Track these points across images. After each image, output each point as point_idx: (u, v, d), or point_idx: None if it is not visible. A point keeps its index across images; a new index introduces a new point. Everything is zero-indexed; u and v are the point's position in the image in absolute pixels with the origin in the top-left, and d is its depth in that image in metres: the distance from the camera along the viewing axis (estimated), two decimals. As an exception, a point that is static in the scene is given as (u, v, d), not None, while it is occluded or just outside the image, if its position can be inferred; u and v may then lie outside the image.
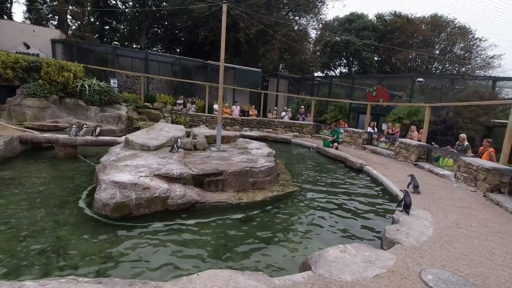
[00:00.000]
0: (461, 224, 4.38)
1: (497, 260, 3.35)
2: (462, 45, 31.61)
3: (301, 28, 27.18)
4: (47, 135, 8.35)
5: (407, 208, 4.65)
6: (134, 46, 29.44)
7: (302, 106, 17.95)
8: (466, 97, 13.23)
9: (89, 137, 8.69)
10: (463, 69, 31.71)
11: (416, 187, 6.04)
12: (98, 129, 8.93)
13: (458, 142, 9.36)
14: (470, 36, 30.68)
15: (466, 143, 9.07)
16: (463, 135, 9.31)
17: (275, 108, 19.51)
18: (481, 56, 31.06)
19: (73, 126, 8.64)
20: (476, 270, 3.09)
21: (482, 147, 8.15)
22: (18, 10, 45.86)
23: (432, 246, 3.57)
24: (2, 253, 3.36)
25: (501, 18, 44.97)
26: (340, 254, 3.17)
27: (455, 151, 8.92)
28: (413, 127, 11.63)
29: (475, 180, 6.40)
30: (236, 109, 16.81)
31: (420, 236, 3.79)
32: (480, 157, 7.61)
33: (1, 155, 6.87)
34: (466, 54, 31.55)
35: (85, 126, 8.90)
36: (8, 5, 23.11)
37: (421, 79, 17.14)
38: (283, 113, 17.61)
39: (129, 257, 3.48)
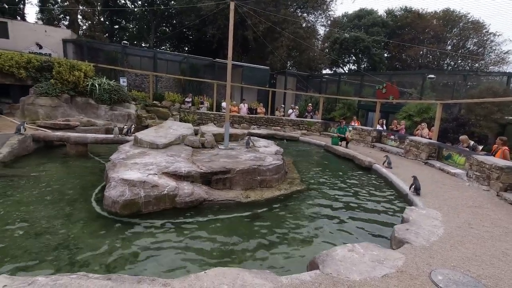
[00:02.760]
0: (473, 224, 4.28)
1: (510, 261, 3.26)
2: (475, 40, 30.79)
3: (309, 25, 26.90)
4: (59, 133, 8.53)
5: (417, 190, 5.59)
6: (143, 45, 29.71)
7: (310, 104, 17.81)
8: (479, 94, 12.88)
9: (100, 135, 8.85)
10: (476, 65, 30.93)
11: (389, 163, 7.92)
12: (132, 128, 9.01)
13: (459, 144, 9.08)
14: (484, 31, 29.86)
15: (471, 142, 8.81)
16: (463, 137, 9.01)
17: (283, 106, 19.43)
18: (495, 52, 30.24)
19: (124, 126, 9.04)
20: (489, 271, 3.02)
21: (495, 145, 7.93)
22: (31, 11, 46.90)
23: (443, 246, 3.50)
24: (16, 248, 3.46)
25: (517, 12, 43.59)
26: (348, 254, 3.14)
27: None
28: (423, 124, 11.40)
29: (488, 179, 6.24)
30: (244, 107, 16.81)
31: (430, 236, 3.73)
32: (494, 156, 7.42)
33: (15, 153, 7.05)
34: (480, 50, 30.73)
35: (125, 126, 9.23)
36: (21, 6, 23.62)
37: (432, 76, 16.77)
38: (290, 111, 17.52)
39: (137, 254, 3.53)
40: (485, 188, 6.22)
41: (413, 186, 5.73)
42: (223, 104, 16.06)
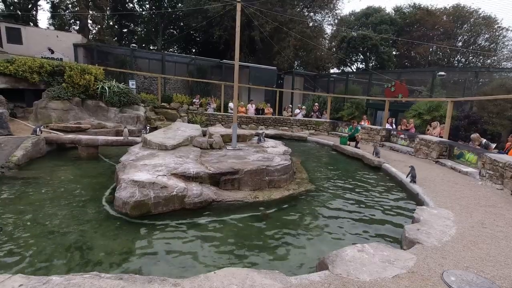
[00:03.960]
0: (486, 224, 4.19)
1: (526, 262, 3.18)
2: (486, 36, 30.13)
3: (316, 24, 26.78)
4: (71, 136, 8.70)
5: (413, 178, 6.24)
6: (151, 47, 30.07)
7: (316, 104, 17.70)
8: (492, 91, 12.59)
9: (110, 137, 9.00)
10: (488, 61, 30.25)
11: (377, 153, 8.42)
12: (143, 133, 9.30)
13: (470, 143, 8.90)
14: (496, 26, 29.21)
15: (483, 140, 8.62)
16: (474, 135, 8.85)
17: (290, 106, 19.36)
18: (508, 47, 29.56)
19: (143, 131, 9.44)
20: (503, 272, 2.95)
21: (508, 143, 7.76)
22: (43, 17, 48.22)
23: (455, 246, 3.44)
24: (31, 249, 3.55)
25: (530, 6, 42.38)
26: (357, 254, 3.11)
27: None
28: (435, 123, 11.19)
29: (501, 178, 6.10)
30: (251, 108, 16.83)
31: (442, 236, 3.67)
32: (507, 153, 7.25)
33: (29, 156, 7.24)
34: (492, 45, 30.05)
35: (143, 131, 9.69)
36: (34, 12, 24.22)
37: (443, 73, 16.48)
38: (297, 111, 17.45)
39: (148, 254, 3.58)
40: (499, 187, 6.08)
41: (409, 175, 6.40)
42: (231, 104, 16.10)
